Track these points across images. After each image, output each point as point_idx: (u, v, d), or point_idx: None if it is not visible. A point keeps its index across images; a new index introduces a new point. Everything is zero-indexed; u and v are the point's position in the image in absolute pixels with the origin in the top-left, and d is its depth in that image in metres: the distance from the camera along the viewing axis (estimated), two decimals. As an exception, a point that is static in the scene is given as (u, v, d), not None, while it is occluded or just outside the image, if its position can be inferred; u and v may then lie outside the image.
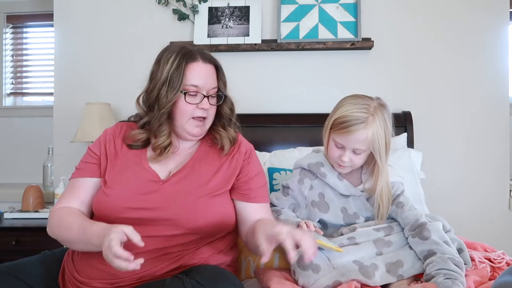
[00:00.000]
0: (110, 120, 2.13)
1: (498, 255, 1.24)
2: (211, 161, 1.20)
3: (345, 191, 1.27)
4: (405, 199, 1.25)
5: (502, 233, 2.11)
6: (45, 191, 2.31)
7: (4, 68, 2.80)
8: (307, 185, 1.31)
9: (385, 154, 1.21)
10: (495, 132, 2.15)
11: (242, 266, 1.33)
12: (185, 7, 2.25)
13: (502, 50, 2.15)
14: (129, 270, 0.89)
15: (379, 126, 1.19)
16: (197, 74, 1.15)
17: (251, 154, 1.25)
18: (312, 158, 1.33)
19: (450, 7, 2.18)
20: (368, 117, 1.17)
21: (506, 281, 0.73)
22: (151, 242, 1.06)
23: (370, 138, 1.18)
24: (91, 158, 1.22)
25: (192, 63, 1.15)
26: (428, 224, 1.16)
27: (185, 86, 1.14)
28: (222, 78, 1.22)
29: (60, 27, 2.36)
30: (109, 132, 1.26)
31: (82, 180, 1.19)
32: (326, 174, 1.28)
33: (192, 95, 1.15)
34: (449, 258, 1.08)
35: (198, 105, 1.16)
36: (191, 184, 1.13)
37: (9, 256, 1.52)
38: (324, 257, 1.12)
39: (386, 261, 1.13)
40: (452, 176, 2.16)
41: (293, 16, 2.21)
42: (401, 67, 2.19)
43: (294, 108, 2.19)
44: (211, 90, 1.18)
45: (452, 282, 1.01)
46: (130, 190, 1.12)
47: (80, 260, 1.10)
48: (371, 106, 1.19)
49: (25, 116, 2.76)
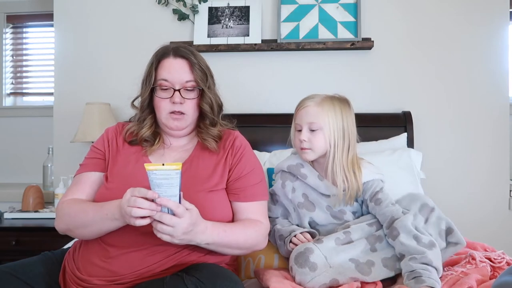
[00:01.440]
0: (110, 120, 2.13)
1: (499, 255, 1.24)
2: (208, 157, 1.22)
3: (326, 190, 1.29)
4: (384, 195, 1.26)
5: (502, 233, 2.11)
6: (45, 191, 2.31)
7: (4, 68, 2.80)
8: (289, 188, 1.33)
9: (341, 141, 1.26)
10: (495, 132, 2.15)
11: (242, 266, 1.33)
12: (185, 7, 2.25)
13: (502, 50, 2.16)
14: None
15: (333, 108, 1.27)
16: (167, 68, 1.20)
17: (244, 150, 1.25)
18: (292, 160, 1.36)
19: (450, 7, 2.18)
20: (320, 97, 1.28)
21: (506, 281, 0.73)
22: (149, 237, 1.06)
23: (321, 114, 1.25)
24: (95, 154, 1.26)
25: (164, 59, 1.22)
26: (396, 222, 1.18)
27: (157, 81, 1.21)
28: (199, 73, 1.22)
29: (60, 27, 2.36)
30: (111, 130, 1.31)
31: (87, 175, 1.23)
32: (307, 175, 1.30)
33: (163, 90, 1.20)
34: (412, 258, 1.09)
35: (170, 100, 1.19)
36: (188, 180, 1.14)
37: (9, 256, 1.53)
38: (322, 256, 1.13)
39: (382, 256, 1.15)
40: (452, 176, 2.16)
41: (293, 16, 2.21)
42: (401, 67, 2.19)
43: (294, 108, 2.19)
44: (185, 84, 1.20)
45: (416, 280, 1.04)
46: (131, 184, 1.11)
47: (81, 258, 1.12)
48: (327, 95, 1.30)
49: (25, 116, 2.76)
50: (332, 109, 1.27)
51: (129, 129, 1.28)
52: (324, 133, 1.26)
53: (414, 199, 1.29)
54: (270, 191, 1.37)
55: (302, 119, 1.28)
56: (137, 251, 1.07)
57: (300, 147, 1.29)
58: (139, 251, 1.07)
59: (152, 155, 1.24)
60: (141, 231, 1.07)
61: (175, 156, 1.25)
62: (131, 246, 1.07)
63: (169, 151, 1.26)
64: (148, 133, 1.25)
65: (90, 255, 1.10)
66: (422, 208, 1.27)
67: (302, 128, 1.28)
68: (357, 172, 1.27)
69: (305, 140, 1.27)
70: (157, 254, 1.07)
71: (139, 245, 1.07)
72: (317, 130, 1.26)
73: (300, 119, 1.29)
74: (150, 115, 1.26)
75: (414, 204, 1.28)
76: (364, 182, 1.28)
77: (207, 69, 1.25)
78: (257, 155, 1.94)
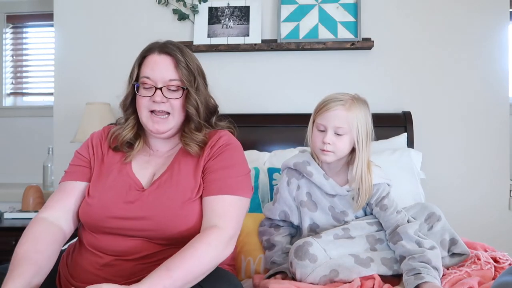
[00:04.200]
0: (110, 120, 2.12)
1: (503, 255, 1.24)
2: (190, 162, 1.13)
3: (331, 190, 1.27)
4: (390, 201, 1.25)
5: (502, 233, 2.11)
6: (45, 191, 2.31)
7: (4, 68, 2.80)
8: (294, 185, 1.31)
9: (366, 143, 1.24)
10: (495, 132, 2.15)
11: (242, 266, 1.32)
12: (185, 7, 2.25)
13: (502, 50, 2.15)
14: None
15: (360, 112, 1.23)
16: (150, 65, 1.12)
17: (226, 148, 1.12)
18: (298, 157, 1.33)
19: (450, 7, 2.17)
20: (348, 100, 1.24)
21: (506, 281, 0.73)
22: (140, 248, 1.04)
23: (350, 118, 1.21)
24: (80, 161, 1.18)
25: (148, 56, 1.14)
26: (399, 228, 1.18)
27: (140, 79, 1.13)
28: (184, 72, 1.12)
29: (60, 27, 2.36)
30: (96, 136, 1.23)
31: (72, 184, 1.15)
32: (313, 173, 1.28)
33: (145, 88, 1.12)
34: (411, 258, 1.10)
35: (151, 98, 1.11)
36: (171, 190, 1.08)
37: (9, 256, 1.52)
38: (321, 248, 1.14)
39: (381, 256, 1.16)
40: (452, 176, 2.16)
41: (293, 16, 2.21)
42: (401, 67, 2.19)
43: (294, 108, 2.19)
44: (168, 82, 1.11)
45: (416, 277, 1.05)
46: (111, 199, 1.08)
47: (74, 264, 1.09)
48: (351, 95, 1.26)
49: (25, 116, 2.76)
50: (360, 114, 1.23)
51: (113, 133, 1.18)
52: (351, 137, 1.23)
53: (423, 209, 1.29)
54: (275, 190, 1.36)
55: (329, 121, 1.22)
56: (129, 261, 1.04)
57: (321, 148, 1.24)
58: (132, 260, 1.04)
59: (136, 162, 1.15)
60: (129, 244, 1.04)
61: (161, 163, 1.16)
62: (123, 255, 1.04)
63: (155, 158, 1.17)
64: (130, 135, 1.16)
65: (83, 262, 1.07)
66: (429, 216, 1.27)
67: (326, 130, 1.23)
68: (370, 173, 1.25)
69: (329, 143, 1.22)
70: (150, 263, 1.03)
71: (131, 254, 1.04)
72: (343, 135, 1.23)
73: (326, 121, 1.23)
74: (133, 115, 1.17)
75: (422, 214, 1.28)
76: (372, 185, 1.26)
77: (197, 69, 1.16)
78: (257, 155, 1.97)
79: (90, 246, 1.08)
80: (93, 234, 1.09)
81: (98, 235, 1.08)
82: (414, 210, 1.30)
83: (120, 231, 1.06)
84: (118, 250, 1.05)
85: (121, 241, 1.05)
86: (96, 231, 1.08)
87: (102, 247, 1.06)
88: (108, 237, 1.06)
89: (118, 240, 1.05)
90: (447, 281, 1.10)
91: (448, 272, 1.16)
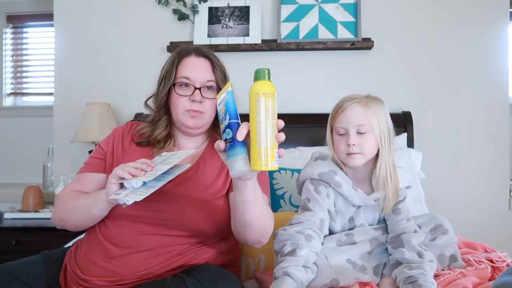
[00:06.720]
0: (110, 120, 2.13)
1: (499, 256, 1.24)
2: (216, 161, 1.19)
3: (359, 201, 1.19)
4: (404, 207, 1.20)
5: (502, 233, 2.11)
6: (45, 191, 2.32)
7: (4, 68, 2.80)
8: (324, 193, 1.20)
9: (388, 141, 1.18)
10: (495, 132, 2.15)
11: (242, 266, 1.33)
12: (185, 7, 2.25)
13: (502, 50, 2.16)
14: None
15: (378, 108, 1.17)
16: (189, 66, 1.19)
17: None
18: (322, 166, 1.22)
19: (450, 7, 2.18)
20: (363, 98, 1.18)
21: (506, 281, 0.73)
22: (152, 240, 1.06)
23: (369, 115, 1.15)
24: (98, 153, 1.24)
25: (186, 58, 1.21)
26: (404, 235, 1.14)
27: (178, 79, 1.19)
28: (219, 74, 1.22)
29: (60, 27, 2.36)
30: (119, 130, 1.28)
31: (88, 176, 1.22)
32: (342, 184, 1.18)
33: (184, 87, 1.18)
34: (407, 266, 1.08)
35: (190, 97, 1.17)
36: (194, 187, 1.12)
37: (9, 256, 1.52)
38: (322, 256, 1.12)
39: (373, 264, 1.14)
40: (452, 176, 2.16)
41: (293, 16, 2.21)
42: (401, 67, 2.19)
43: (294, 108, 2.19)
44: (206, 83, 1.19)
45: (413, 285, 1.02)
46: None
47: (83, 258, 1.11)
48: (363, 94, 1.21)
49: (25, 116, 2.76)
50: (378, 110, 1.17)
51: (140, 129, 1.25)
52: (375, 134, 1.16)
53: (431, 219, 1.24)
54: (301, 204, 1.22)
55: (349, 121, 1.15)
56: (139, 252, 1.06)
57: (347, 152, 1.16)
58: (142, 252, 1.06)
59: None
60: (144, 233, 1.07)
61: (185, 160, 1.19)
62: (134, 247, 1.07)
63: None
64: (164, 134, 1.22)
65: (92, 255, 1.09)
66: (435, 228, 1.22)
67: (348, 131, 1.16)
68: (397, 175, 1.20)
69: (354, 144, 1.14)
70: (159, 256, 1.07)
71: (141, 246, 1.07)
72: (366, 133, 1.15)
73: (345, 122, 1.16)
74: (165, 116, 1.23)
75: (429, 223, 1.24)
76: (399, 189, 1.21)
77: (226, 71, 1.25)
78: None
79: (103, 235, 1.11)
80: (107, 223, 1.12)
81: (114, 222, 1.11)
82: (422, 220, 1.25)
83: (138, 219, 1.08)
84: (130, 242, 1.07)
85: (133, 232, 1.07)
86: (112, 217, 1.11)
87: (114, 238, 1.09)
88: (124, 224, 1.09)
89: (130, 231, 1.07)
90: (440, 281, 1.09)
91: (442, 273, 1.14)
